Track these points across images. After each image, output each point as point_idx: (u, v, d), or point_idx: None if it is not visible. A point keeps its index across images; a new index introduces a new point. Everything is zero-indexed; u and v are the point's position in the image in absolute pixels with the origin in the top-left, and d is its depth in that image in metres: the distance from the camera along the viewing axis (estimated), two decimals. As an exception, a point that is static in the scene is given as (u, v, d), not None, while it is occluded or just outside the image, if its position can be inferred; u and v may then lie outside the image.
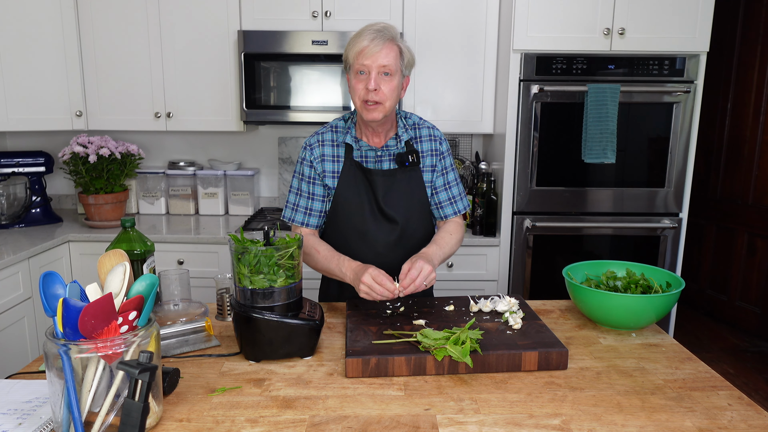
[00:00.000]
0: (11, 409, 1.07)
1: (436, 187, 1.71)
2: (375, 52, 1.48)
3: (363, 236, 1.64)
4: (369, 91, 1.50)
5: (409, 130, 1.68)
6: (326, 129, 1.68)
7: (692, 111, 2.59)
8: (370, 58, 1.49)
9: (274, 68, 2.71)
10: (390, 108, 1.55)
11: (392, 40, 1.52)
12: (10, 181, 2.84)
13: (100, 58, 2.79)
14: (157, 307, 1.44)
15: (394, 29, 1.54)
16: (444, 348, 1.21)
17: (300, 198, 1.67)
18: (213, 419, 1.05)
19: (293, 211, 1.68)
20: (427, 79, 2.78)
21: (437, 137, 1.71)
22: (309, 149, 1.66)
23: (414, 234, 1.67)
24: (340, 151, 1.65)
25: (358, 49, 1.49)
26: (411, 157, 1.63)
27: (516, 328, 1.36)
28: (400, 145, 1.65)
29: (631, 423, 1.05)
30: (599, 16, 2.50)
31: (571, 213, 2.66)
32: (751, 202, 3.65)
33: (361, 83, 1.52)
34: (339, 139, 1.65)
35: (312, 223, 1.67)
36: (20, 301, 2.30)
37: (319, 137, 1.66)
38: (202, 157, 3.24)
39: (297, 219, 1.67)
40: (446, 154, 1.71)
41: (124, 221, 1.42)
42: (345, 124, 1.67)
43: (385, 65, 1.50)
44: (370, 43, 1.48)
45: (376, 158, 1.65)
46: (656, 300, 1.39)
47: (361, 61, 1.50)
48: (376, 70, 1.50)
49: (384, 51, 1.49)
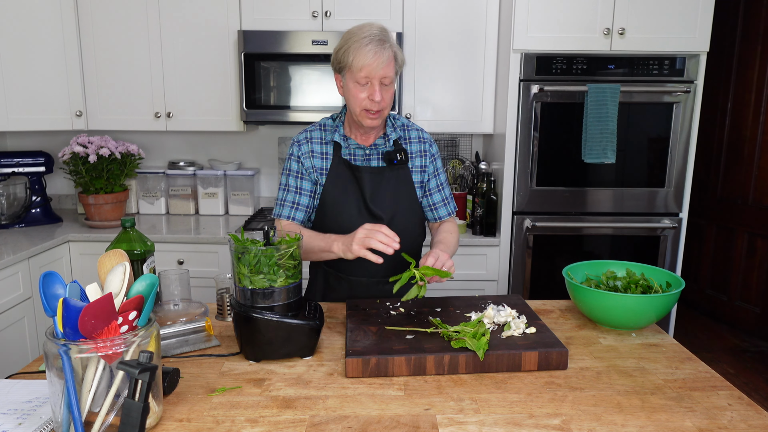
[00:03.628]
0: (11, 409, 1.07)
1: (430, 188, 1.73)
2: (382, 67, 1.50)
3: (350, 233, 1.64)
4: (374, 102, 1.53)
5: (397, 130, 1.70)
6: (314, 127, 1.70)
7: (692, 111, 2.59)
8: (375, 72, 1.51)
9: (274, 68, 2.71)
10: (387, 113, 1.61)
11: (391, 48, 1.53)
12: (10, 181, 2.84)
13: (100, 58, 2.79)
14: (157, 307, 1.44)
15: (389, 33, 1.56)
16: (463, 339, 1.24)
17: (287, 193, 1.68)
18: (213, 419, 1.05)
19: (281, 206, 1.68)
20: (427, 79, 2.78)
21: (426, 139, 1.74)
22: (297, 145, 1.67)
23: (401, 232, 1.66)
24: (328, 149, 1.66)
25: (363, 62, 1.50)
26: (399, 155, 1.65)
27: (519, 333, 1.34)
28: (388, 143, 1.67)
29: (631, 423, 1.05)
30: (599, 16, 2.50)
31: (571, 213, 2.66)
32: (751, 202, 3.65)
33: (363, 92, 1.53)
34: (327, 137, 1.67)
35: (298, 217, 1.67)
36: (20, 301, 2.30)
37: (307, 134, 1.68)
38: (202, 157, 3.24)
39: (283, 213, 1.67)
40: (437, 156, 1.75)
41: (124, 221, 1.42)
42: (333, 123, 1.69)
43: (387, 76, 1.53)
44: (375, 58, 1.49)
45: (365, 156, 1.66)
46: (656, 300, 1.39)
47: (366, 74, 1.51)
48: (378, 80, 1.52)
49: (386, 63, 1.51)
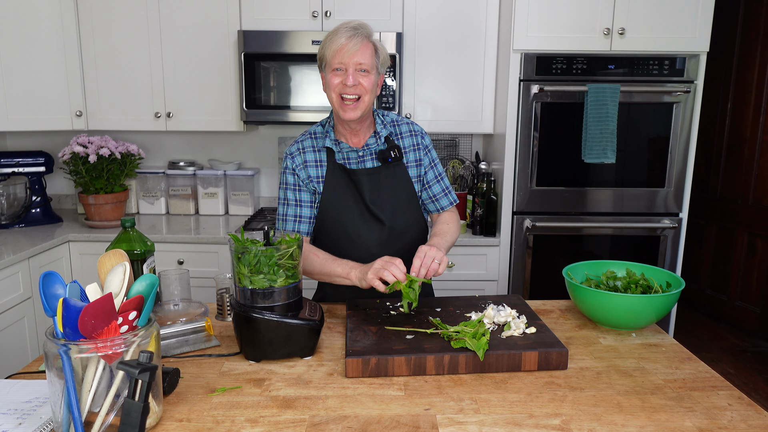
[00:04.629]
0: (11, 409, 1.07)
1: (429, 180, 1.72)
2: (354, 51, 1.50)
3: (354, 237, 1.64)
4: (346, 87, 1.52)
5: (387, 126, 1.68)
6: (305, 136, 1.68)
7: (692, 111, 2.59)
8: (348, 56, 1.50)
9: (274, 68, 2.71)
10: (368, 104, 1.56)
11: (368, 37, 1.54)
12: (10, 181, 2.84)
13: (100, 58, 2.79)
14: (157, 307, 1.44)
15: (369, 27, 1.56)
16: (463, 339, 1.24)
17: (288, 207, 1.67)
18: (213, 419, 1.05)
19: (283, 221, 1.67)
20: (427, 79, 2.78)
21: (418, 132, 1.72)
22: (290, 158, 1.66)
23: (405, 229, 1.67)
24: (322, 156, 1.65)
25: (335, 48, 1.51)
26: (393, 152, 1.64)
27: (519, 333, 1.34)
28: (380, 142, 1.65)
29: (631, 423, 1.05)
30: (599, 16, 2.50)
31: (571, 213, 2.66)
32: (751, 202, 3.65)
33: (337, 78, 1.53)
34: (319, 144, 1.66)
35: (303, 230, 1.67)
36: (20, 301, 2.30)
37: (299, 145, 1.67)
38: (202, 157, 3.24)
39: (288, 228, 1.67)
40: (431, 147, 1.73)
41: (124, 221, 1.42)
42: (323, 129, 1.68)
43: (362, 63, 1.52)
44: (347, 41, 1.50)
45: (359, 158, 1.65)
46: (656, 300, 1.39)
47: (339, 59, 1.51)
48: (354, 67, 1.52)
49: (361, 49, 1.51)
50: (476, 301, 1.56)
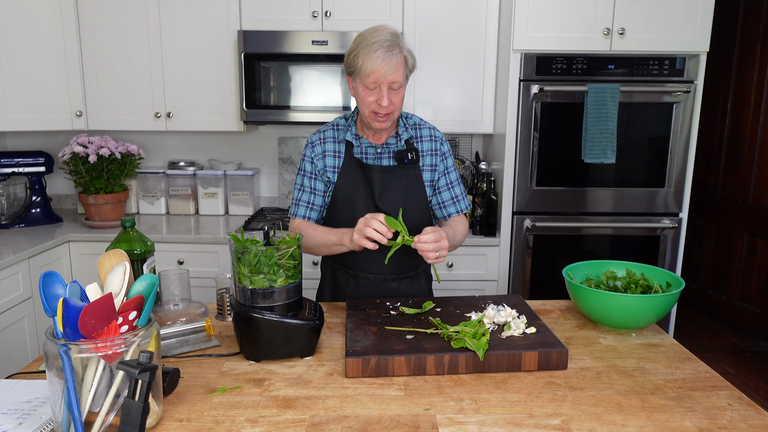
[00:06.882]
0: (11, 409, 1.07)
1: (439, 187, 1.73)
2: (389, 74, 1.50)
3: None
4: (381, 106, 1.54)
5: (409, 129, 1.70)
6: (328, 127, 1.72)
7: (692, 111, 2.59)
8: (383, 78, 1.51)
9: (274, 68, 2.71)
10: (398, 115, 1.62)
11: (401, 52, 1.53)
12: (10, 181, 2.84)
13: (100, 58, 2.79)
14: (157, 307, 1.44)
15: (400, 37, 1.55)
16: (463, 339, 1.24)
17: (303, 193, 1.72)
18: (213, 419, 1.05)
19: (296, 206, 1.73)
20: (427, 79, 2.78)
21: (438, 138, 1.73)
22: (310, 146, 1.71)
23: (410, 230, 1.67)
24: (341, 148, 1.69)
25: (371, 68, 1.50)
26: (410, 154, 1.67)
27: (519, 333, 1.34)
28: (400, 143, 1.68)
29: (631, 423, 1.05)
30: (599, 16, 2.50)
31: (571, 213, 2.66)
32: (751, 202, 3.65)
33: (372, 96, 1.54)
34: (340, 137, 1.70)
35: (312, 216, 1.71)
36: (20, 301, 2.30)
37: (321, 135, 1.71)
38: (202, 157, 3.24)
39: (299, 213, 1.71)
40: (448, 155, 1.74)
41: (124, 221, 1.42)
42: (346, 122, 1.71)
43: (396, 81, 1.53)
44: (382, 65, 1.49)
45: (376, 155, 1.67)
46: (656, 300, 1.39)
47: (374, 80, 1.52)
48: (387, 85, 1.52)
49: (396, 68, 1.51)
50: (476, 301, 1.56)
